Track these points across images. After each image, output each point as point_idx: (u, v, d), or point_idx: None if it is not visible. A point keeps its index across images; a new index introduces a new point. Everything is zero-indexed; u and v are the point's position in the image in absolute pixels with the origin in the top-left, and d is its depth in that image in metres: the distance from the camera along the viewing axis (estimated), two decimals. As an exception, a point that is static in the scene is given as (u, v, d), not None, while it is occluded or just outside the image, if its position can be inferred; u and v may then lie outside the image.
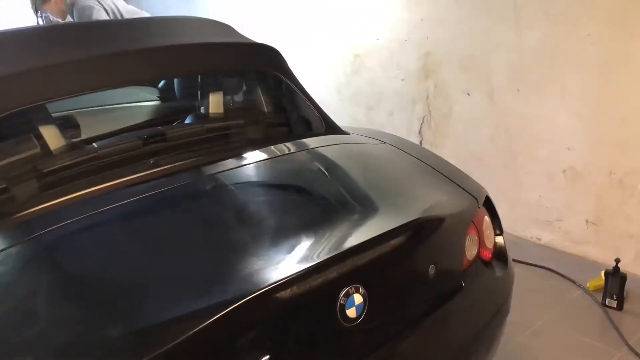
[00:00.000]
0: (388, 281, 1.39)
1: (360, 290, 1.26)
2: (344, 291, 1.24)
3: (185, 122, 2.13)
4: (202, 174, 1.65)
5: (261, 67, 2.07)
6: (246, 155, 1.77)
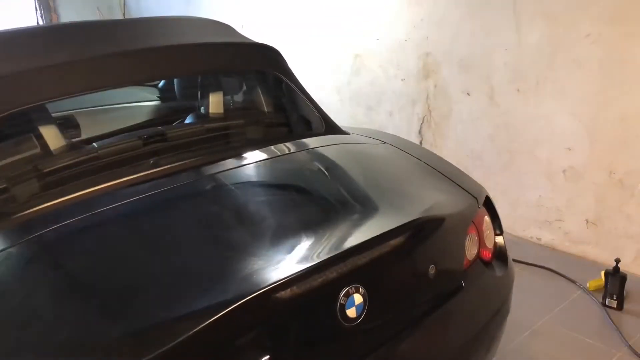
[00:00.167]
0: (388, 281, 1.39)
1: (360, 290, 1.26)
2: (344, 291, 1.24)
3: (185, 122, 2.13)
4: (202, 174, 1.65)
5: (261, 67, 2.07)
6: (246, 155, 1.77)
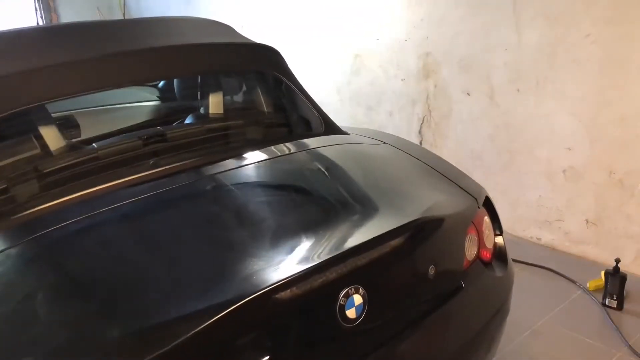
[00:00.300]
0: (388, 282, 1.39)
1: (360, 291, 1.26)
2: (343, 292, 1.24)
3: (185, 122, 2.13)
4: (202, 175, 1.65)
5: (261, 68, 2.07)
6: (246, 155, 1.77)
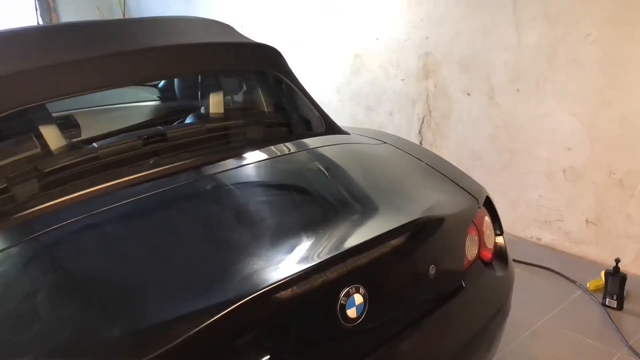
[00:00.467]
0: (388, 281, 1.39)
1: (361, 291, 1.26)
2: (344, 291, 1.24)
3: (185, 122, 2.13)
4: (202, 174, 1.65)
5: (261, 67, 2.07)
6: (246, 155, 1.77)
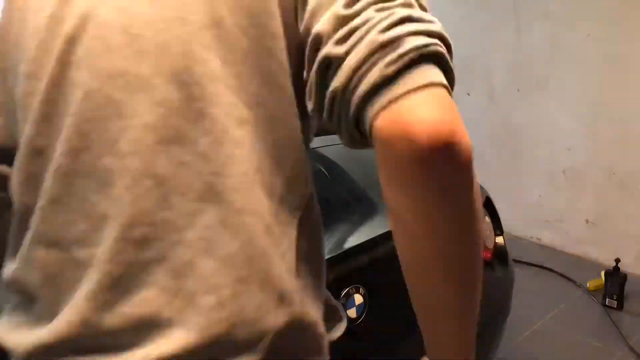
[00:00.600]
0: (388, 281, 1.39)
1: (361, 291, 1.26)
2: (344, 291, 1.23)
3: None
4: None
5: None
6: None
